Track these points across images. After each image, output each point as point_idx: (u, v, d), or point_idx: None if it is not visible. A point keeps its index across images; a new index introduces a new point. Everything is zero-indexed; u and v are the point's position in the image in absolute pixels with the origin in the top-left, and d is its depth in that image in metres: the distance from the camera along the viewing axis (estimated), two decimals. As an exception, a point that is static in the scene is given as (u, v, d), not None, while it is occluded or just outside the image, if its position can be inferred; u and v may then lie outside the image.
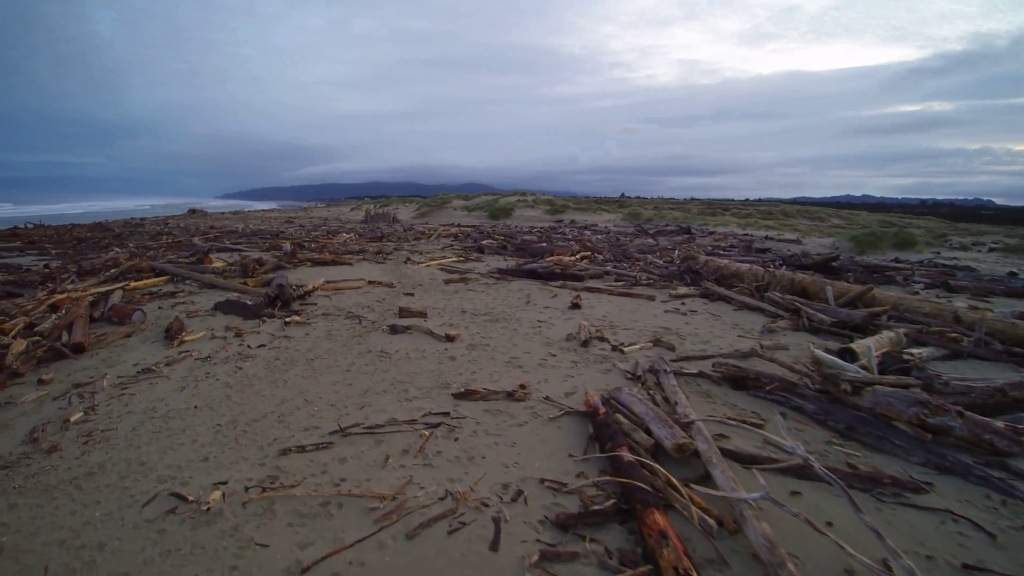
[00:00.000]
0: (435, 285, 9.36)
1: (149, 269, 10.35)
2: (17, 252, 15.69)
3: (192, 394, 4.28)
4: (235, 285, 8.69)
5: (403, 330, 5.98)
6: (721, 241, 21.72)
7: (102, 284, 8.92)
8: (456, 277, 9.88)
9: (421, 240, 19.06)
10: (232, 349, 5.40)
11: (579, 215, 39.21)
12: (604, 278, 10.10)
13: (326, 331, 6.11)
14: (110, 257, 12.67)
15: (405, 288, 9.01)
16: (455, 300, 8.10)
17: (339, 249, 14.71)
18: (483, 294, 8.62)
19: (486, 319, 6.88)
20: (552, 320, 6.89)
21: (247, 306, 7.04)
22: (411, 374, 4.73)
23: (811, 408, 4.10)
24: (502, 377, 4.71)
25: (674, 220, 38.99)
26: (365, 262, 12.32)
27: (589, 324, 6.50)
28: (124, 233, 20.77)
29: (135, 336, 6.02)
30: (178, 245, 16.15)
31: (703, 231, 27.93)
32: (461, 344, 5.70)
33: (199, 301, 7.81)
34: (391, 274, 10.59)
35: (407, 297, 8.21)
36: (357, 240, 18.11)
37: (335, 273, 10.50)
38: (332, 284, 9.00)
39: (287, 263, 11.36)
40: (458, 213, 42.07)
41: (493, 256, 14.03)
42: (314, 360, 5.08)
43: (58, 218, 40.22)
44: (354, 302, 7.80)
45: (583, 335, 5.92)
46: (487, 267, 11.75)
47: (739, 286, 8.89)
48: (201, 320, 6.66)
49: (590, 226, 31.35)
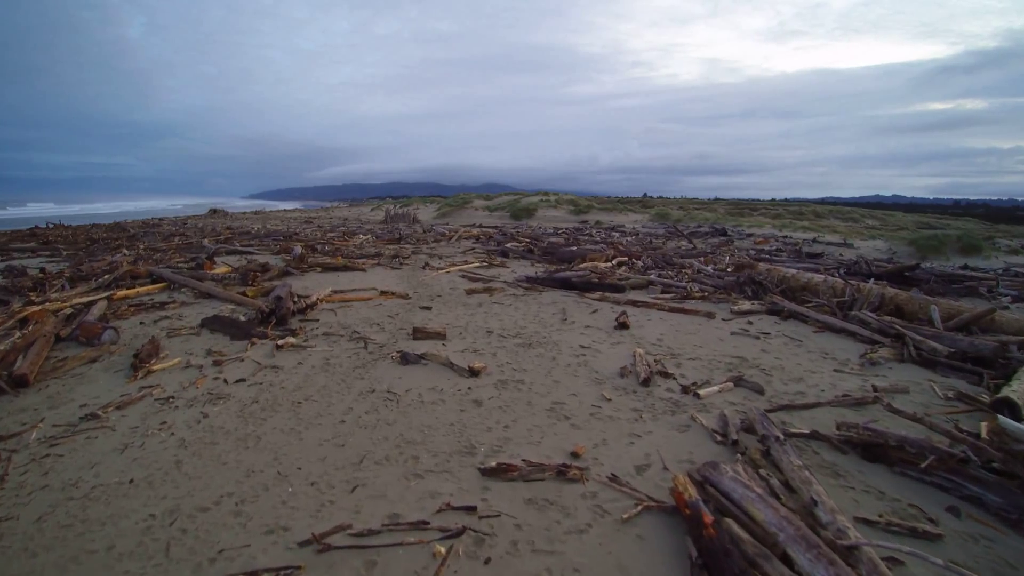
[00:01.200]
0: (456, 296, 8.23)
1: (146, 275, 9.45)
2: (29, 253, 15.13)
3: (134, 457, 3.21)
4: (232, 295, 7.69)
5: (417, 359, 4.85)
6: (763, 244, 20.19)
7: (90, 292, 8.03)
8: (479, 287, 8.73)
9: (441, 242, 18.00)
10: (204, 385, 4.33)
11: (604, 215, 37.83)
12: (649, 289, 8.84)
13: (323, 359, 5.02)
14: (112, 260, 11.89)
15: (421, 300, 7.90)
16: (479, 316, 6.95)
17: (353, 252, 13.72)
18: (511, 308, 7.45)
19: (517, 343, 5.71)
20: (598, 345, 5.69)
21: (238, 323, 6.01)
22: (424, 429, 3.58)
23: (995, 501, 2.83)
24: (544, 435, 3.54)
25: (705, 221, 37.39)
26: (380, 267, 11.27)
27: (644, 352, 5.29)
28: (139, 234, 20.19)
29: (100, 361, 5.01)
30: (188, 247, 15.38)
31: (740, 233, 26.34)
32: (488, 380, 4.54)
33: (188, 315, 6.82)
34: (407, 282, 9.50)
35: (423, 312, 7.10)
36: (374, 242, 17.14)
37: (346, 280, 9.46)
38: (339, 295, 7.95)
39: (295, 268, 10.38)
40: (479, 213, 41.06)
41: (518, 261, 12.86)
42: (302, 404, 3.98)
43: (92, 217, 40.57)
44: (362, 317, 6.71)
45: (641, 369, 4.71)
46: (513, 274, 10.59)
47: (813, 301, 7.55)
48: (182, 341, 5.64)
49: (617, 227, 29.99)
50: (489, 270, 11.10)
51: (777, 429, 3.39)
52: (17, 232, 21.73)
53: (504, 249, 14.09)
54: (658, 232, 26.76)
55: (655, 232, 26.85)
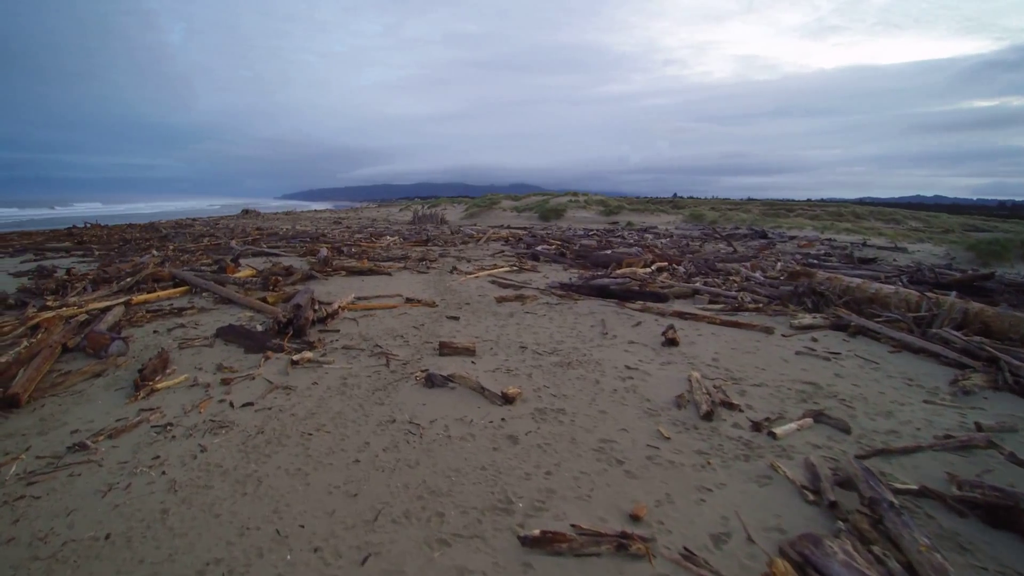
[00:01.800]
0: (485, 304, 7.69)
1: (169, 278, 9.22)
2: (63, 253, 15.29)
3: (116, 503, 2.75)
4: (252, 301, 7.33)
5: (443, 382, 4.32)
6: (807, 248, 19.10)
7: (110, 296, 7.80)
8: (511, 294, 8.18)
9: (469, 244, 17.53)
10: (207, 409, 3.89)
11: (635, 216, 36.88)
12: (695, 299, 8.13)
13: (341, 379, 4.53)
14: (140, 262, 11.79)
15: (449, 308, 7.39)
16: (510, 327, 6.39)
17: (380, 255, 13.35)
18: (545, 318, 6.87)
19: (554, 361, 5.12)
20: (645, 366, 5.06)
21: (253, 334, 5.60)
22: (451, 474, 3.04)
23: None
24: (595, 486, 2.95)
25: (741, 222, 36.09)
26: (406, 271, 10.83)
27: (701, 376, 4.64)
28: (170, 234, 20.34)
29: (105, 376, 4.64)
30: (216, 247, 15.30)
31: (780, 235, 25.16)
32: (524, 408, 3.98)
33: (204, 323, 6.47)
34: (434, 287, 9.02)
35: (451, 322, 6.58)
36: (401, 244, 16.78)
37: (370, 286, 9.04)
38: (363, 303, 7.50)
39: (319, 272, 10.02)
40: (507, 214, 40.57)
41: (550, 265, 12.26)
42: (313, 436, 3.48)
43: (134, 217, 41.73)
44: (385, 328, 6.23)
45: (701, 399, 4.07)
46: (545, 279, 10.01)
47: (884, 316, 6.74)
48: (193, 353, 5.25)
49: (649, 229, 29.09)
50: (519, 275, 10.53)
51: (888, 490, 2.72)
52: (56, 231, 22.22)
53: (534, 252, 13.51)
54: (693, 234, 25.77)
55: (690, 234, 25.87)
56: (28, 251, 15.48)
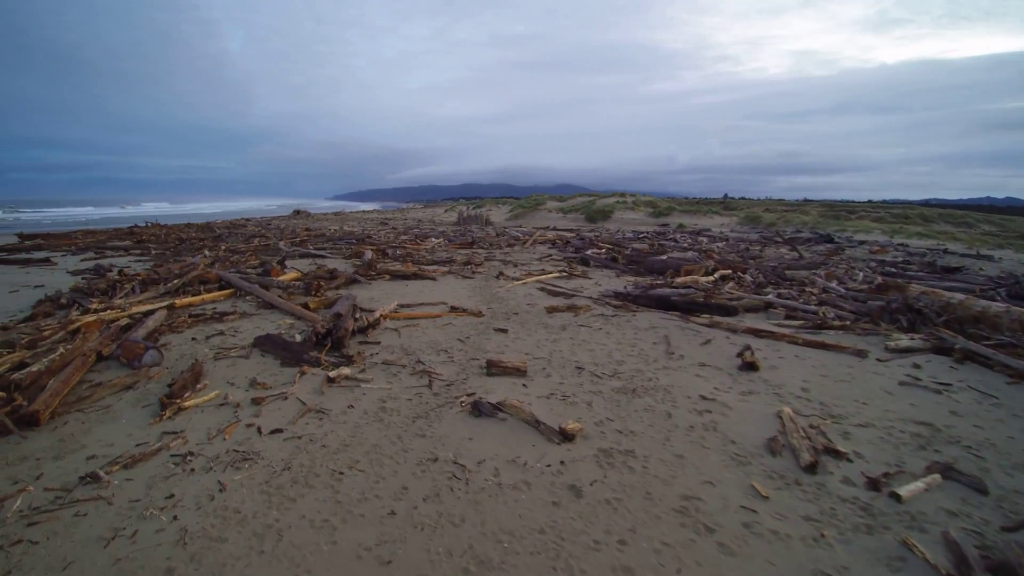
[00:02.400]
0: (534, 314, 7.15)
1: (215, 280, 9.16)
2: (122, 252, 15.78)
3: (118, 558, 2.37)
4: (293, 307, 7.07)
5: (492, 411, 3.80)
6: (880, 254, 17.59)
7: (155, 299, 7.73)
8: (562, 304, 7.60)
9: (515, 247, 17.04)
10: (233, 435, 3.52)
11: (686, 218, 35.50)
12: (768, 313, 7.31)
13: (379, 403, 4.09)
14: (191, 262, 11.91)
15: (496, 318, 6.89)
16: (563, 343, 5.82)
17: (424, 258, 13.04)
18: (601, 333, 6.26)
19: (616, 386, 4.52)
20: (723, 395, 4.39)
21: (290, 345, 5.26)
22: (503, 538, 2.51)
23: None
24: (683, 564, 2.35)
25: (802, 224, 34.19)
26: (451, 276, 10.43)
27: (792, 411, 3.94)
28: (224, 234, 20.82)
29: (135, 388, 4.39)
30: (265, 248, 15.43)
31: (847, 240, 23.47)
32: (586, 448, 3.41)
33: (244, 330, 6.22)
34: (479, 294, 8.55)
35: (498, 336, 6.07)
36: (446, 246, 16.47)
37: (414, 291, 8.67)
38: (405, 311, 7.10)
39: (363, 275, 9.75)
40: (553, 215, 39.93)
41: (601, 271, 11.59)
42: (344, 475, 3.03)
43: (196, 216, 43.63)
44: (429, 341, 5.78)
45: (799, 443, 3.39)
46: (597, 286, 9.37)
47: (994, 338, 5.77)
48: (228, 364, 4.95)
49: (703, 231, 27.81)
50: (569, 281, 9.94)
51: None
52: (119, 230, 23.23)
53: (584, 257, 12.87)
54: (751, 237, 24.41)
55: (747, 237, 24.52)
56: (90, 249, 16.08)
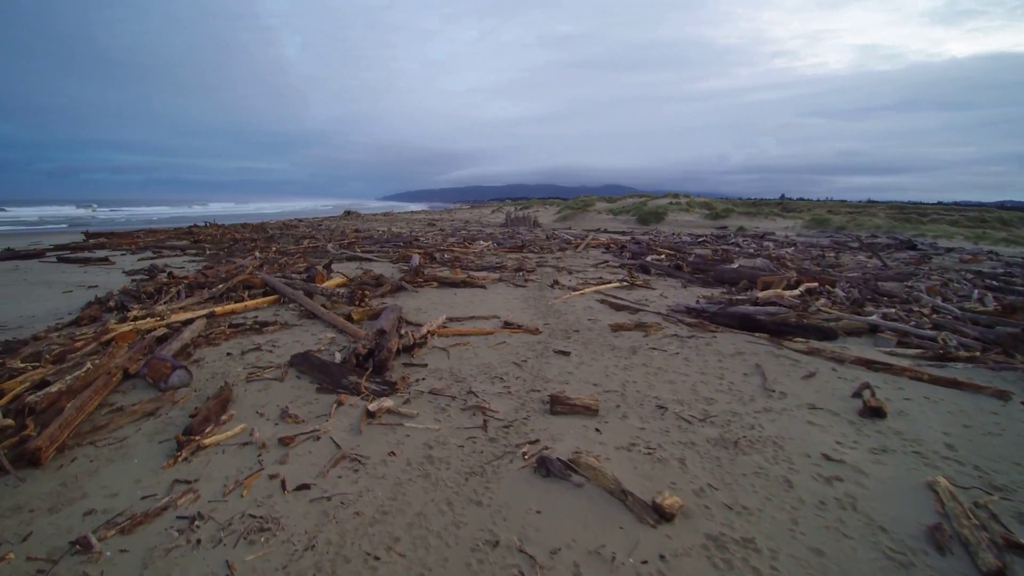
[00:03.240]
0: (597, 333, 6.34)
1: (260, 285, 8.84)
2: (178, 251, 16.00)
3: None
4: (335, 319, 6.55)
5: (563, 472, 3.04)
6: (972, 263, 15.68)
7: (198, 305, 7.42)
8: (628, 321, 6.76)
9: (567, 251, 16.22)
10: (253, 490, 2.91)
11: (746, 220, 33.59)
12: (876, 339, 6.21)
13: (425, 448, 3.40)
14: (240, 264, 11.77)
15: (555, 336, 6.13)
16: (636, 370, 5.00)
17: (472, 262, 12.43)
18: (679, 358, 5.39)
19: (712, 437, 3.67)
20: (849, 452, 3.46)
21: (328, 367, 4.68)
22: None
23: None
24: None
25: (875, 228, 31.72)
26: (502, 283, 9.73)
27: (947, 482, 2.99)
28: (276, 235, 20.97)
29: (156, 417, 3.90)
30: (314, 250, 15.28)
31: (932, 246, 21.33)
32: (689, 533, 2.60)
33: (283, 343, 5.73)
34: (534, 306, 7.81)
35: (559, 359, 5.30)
36: (494, 250, 15.83)
37: (463, 301, 8.02)
38: (454, 326, 6.44)
39: (409, 282, 9.21)
40: (602, 217, 38.79)
41: (664, 280, 10.61)
42: (381, 560, 2.34)
43: (259, 216, 45.18)
44: (481, 364, 5.08)
45: (972, 535, 2.46)
46: (663, 298, 8.45)
47: None
48: (260, 388, 4.42)
49: (767, 235, 26.08)
50: (631, 292, 9.05)
51: None
52: (178, 230, 23.91)
53: (644, 264, 11.91)
54: (821, 242, 22.59)
55: (816, 242, 22.71)
56: (149, 249, 16.41)
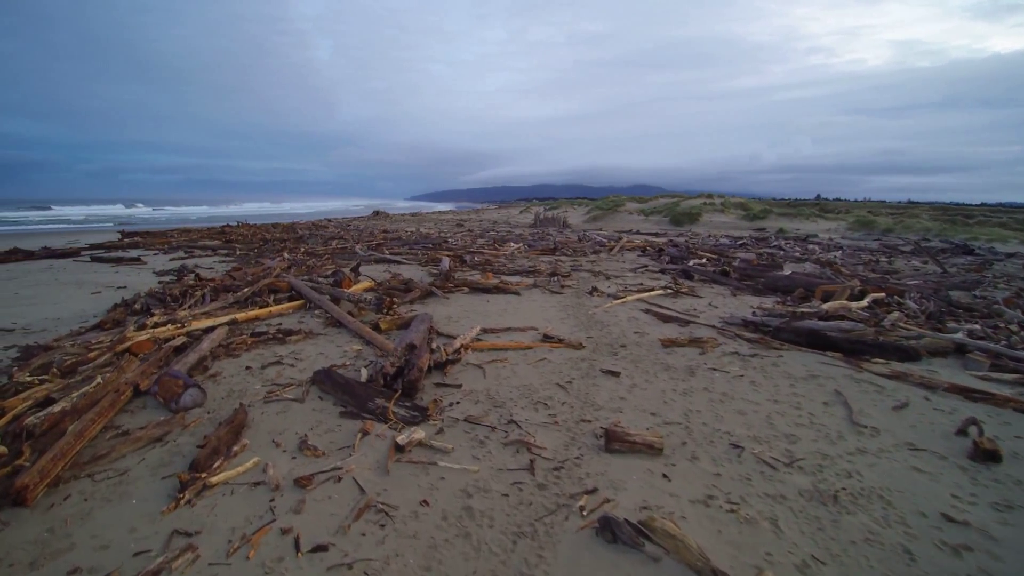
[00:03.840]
0: (647, 348, 5.74)
1: (287, 289, 8.51)
2: (210, 251, 15.96)
3: None
4: (362, 328, 6.12)
5: (632, 539, 2.47)
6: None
7: (222, 310, 7.10)
8: (680, 336, 6.13)
9: (601, 253, 15.57)
10: (260, 550, 2.44)
11: (786, 222, 32.26)
12: (966, 361, 5.43)
13: (463, 495, 2.89)
14: (267, 266, 11.53)
15: (600, 352, 5.55)
16: (698, 396, 4.39)
17: (504, 266, 11.92)
18: (745, 382, 4.75)
19: (804, 488, 3.05)
20: (972, 512, 2.81)
21: (353, 387, 4.21)
22: None
23: None
24: None
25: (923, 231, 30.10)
26: (536, 289, 9.19)
27: None
28: (305, 235, 20.88)
29: (163, 444, 3.49)
30: (343, 251, 15.02)
31: (990, 250, 19.89)
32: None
33: (306, 356, 5.32)
34: (573, 316, 7.24)
35: (608, 380, 4.72)
36: (526, 252, 15.30)
37: (496, 309, 7.51)
38: (489, 339, 5.93)
39: (439, 287, 8.75)
40: (633, 217, 37.88)
41: (710, 287, 9.90)
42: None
43: (293, 216, 45.84)
44: (521, 385, 4.55)
45: None
46: (713, 308, 7.78)
47: None
48: (279, 411, 3.98)
49: (809, 237, 24.87)
50: (676, 300, 8.39)
51: None
52: (211, 229, 24.12)
53: (686, 269, 11.19)
54: (870, 245, 21.36)
55: (864, 245, 21.48)
56: (181, 249, 16.43)
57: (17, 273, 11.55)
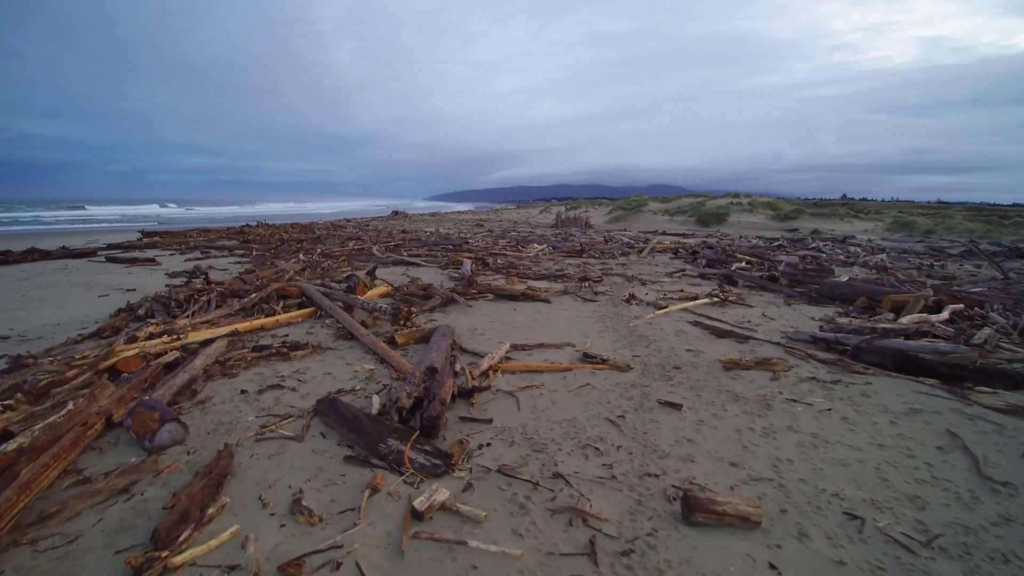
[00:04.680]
0: (706, 370, 4.91)
1: (297, 295, 7.88)
2: (226, 252, 15.54)
3: None
4: (376, 343, 5.41)
5: None
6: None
7: (225, 318, 6.49)
8: (740, 354, 5.30)
9: (630, 255, 14.70)
10: None
11: (819, 223, 30.91)
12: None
13: (505, 598, 2.15)
14: (280, 268, 10.95)
15: (651, 375, 4.74)
16: (784, 438, 3.56)
17: (528, 269, 11.15)
18: (835, 419, 3.90)
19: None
20: None
21: (361, 423, 3.49)
22: None
23: None
24: None
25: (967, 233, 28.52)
26: (567, 296, 8.40)
27: None
28: (323, 235, 20.39)
29: (127, 497, 2.81)
30: (360, 252, 14.42)
31: (1052, 254, 18.45)
32: None
33: (311, 375, 4.63)
34: (612, 328, 6.44)
35: (668, 413, 3.92)
36: (550, 254, 14.50)
37: (525, 320, 6.75)
38: (520, 359, 5.15)
39: (461, 294, 8.02)
40: (657, 217, 36.81)
41: (758, 294, 8.99)
42: None
43: (315, 215, 45.84)
44: (563, 421, 3.78)
45: None
46: (769, 320, 6.90)
47: None
48: (272, 453, 3.28)
49: (848, 239, 23.59)
50: (725, 309, 7.53)
51: None
52: (230, 229, 23.81)
53: (728, 274, 10.28)
54: (914, 248, 20.05)
55: (908, 247, 20.19)
56: (198, 249, 16.03)
57: (31, 273, 11.18)
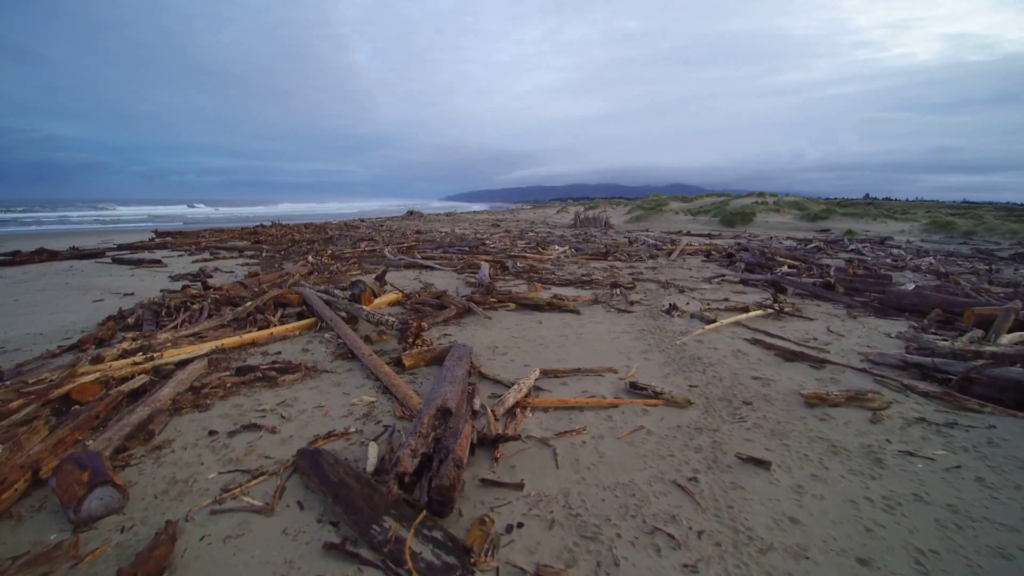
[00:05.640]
0: (783, 407, 3.96)
1: (297, 303, 7.11)
2: (236, 253, 14.96)
3: None
4: (380, 366, 4.56)
5: None
6: None
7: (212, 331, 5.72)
8: (828, 391, 4.33)
9: (658, 258, 13.71)
10: None
11: (852, 223, 29.45)
12: None
13: None
14: (286, 272, 10.21)
15: (716, 412, 3.81)
16: (915, 514, 2.61)
17: (551, 273, 10.24)
18: (969, 483, 2.93)
19: None
20: None
21: (349, 492, 2.62)
22: None
23: None
24: None
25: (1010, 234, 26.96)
26: (598, 306, 7.47)
27: None
28: (335, 236, 19.71)
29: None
30: (372, 254, 13.66)
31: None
32: None
33: (299, 407, 3.79)
34: (655, 345, 5.51)
35: (755, 475, 2.99)
36: (573, 256, 13.57)
37: (553, 336, 5.84)
38: (554, 389, 4.25)
39: (479, 303, 7.15)
40: (679, 217, 35.60)
41: (814, 304, 7.95)
42: None
43: (335, 215, 45.61)
44: (616, 487, 2.87)
45: None
46: (839, 337, 5.90)
47: None
48: (228, 538, 2.43)
49: (886, 240, 22.24)
50: (782, 323, 6.55)
51: None
52: (244, 229, 23.30)
53: (777, 280, 9.25)
54: (959, 250, 18.68)
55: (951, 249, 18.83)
56: (208, 250, 15.45)
57: (33, 275, 10.64)
